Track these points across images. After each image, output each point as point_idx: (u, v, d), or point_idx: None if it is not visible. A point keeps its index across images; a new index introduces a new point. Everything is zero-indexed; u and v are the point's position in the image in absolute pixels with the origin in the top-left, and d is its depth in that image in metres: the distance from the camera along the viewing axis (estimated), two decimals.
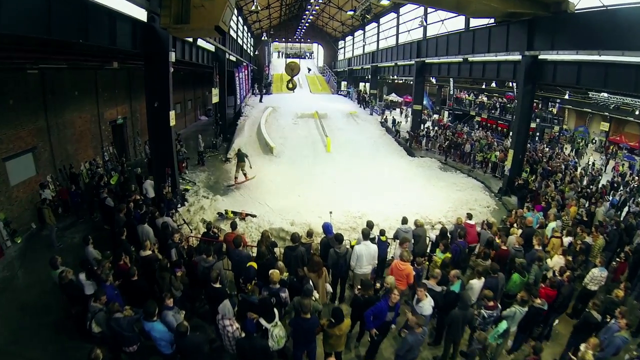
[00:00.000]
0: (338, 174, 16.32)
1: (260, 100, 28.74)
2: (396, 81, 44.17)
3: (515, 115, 17.04)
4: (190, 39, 14.56)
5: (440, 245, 6.91)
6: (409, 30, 26.36)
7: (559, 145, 26.55)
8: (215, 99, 20.37)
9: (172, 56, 10.50)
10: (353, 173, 16.52)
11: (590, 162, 22.53)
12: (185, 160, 16.08)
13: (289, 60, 31.32)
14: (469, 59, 18.12)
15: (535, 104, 27.83)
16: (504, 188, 15.00)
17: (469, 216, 8.56)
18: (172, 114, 11.05)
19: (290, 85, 22.27)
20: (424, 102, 35.56)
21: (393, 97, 43.30)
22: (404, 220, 7.53)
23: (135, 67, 14.37)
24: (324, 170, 16.69)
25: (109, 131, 15.05)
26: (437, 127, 26.65)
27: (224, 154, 18.65)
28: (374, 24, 33.09)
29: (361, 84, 42.46)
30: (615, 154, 26.42)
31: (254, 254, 6.75)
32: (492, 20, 15.82)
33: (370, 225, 6.83)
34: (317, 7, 36.27)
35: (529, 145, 22.22)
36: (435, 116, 34.23)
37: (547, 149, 23.55)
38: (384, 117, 27.68)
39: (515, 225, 9.46)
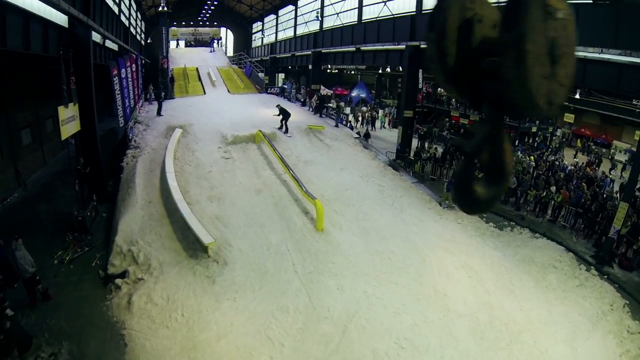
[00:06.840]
0: (383, 300, 8.01)
1: (159, 113, 18.42)
2: (328, 70, 35.68)
3: None
4: None
5: None
6: (306, 22, 29.08)
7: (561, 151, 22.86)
8: (69, 129, 9.68)
9: None
10: (416, 288, 8.54)
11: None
12: None
13: None
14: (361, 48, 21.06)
15: None
16: (606, 257, 10.21)
17: None
18: None
19: None
20: (363, 94, 33.30)
21: (321, 89, 35.37)
22: None
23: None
24: (345, 295, 8.03)
25: None
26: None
27: (103, 259, 8.62)
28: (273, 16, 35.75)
29: (281, 75, 38.83)
30: (588, 148, 23.78)
31: None
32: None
33: None
34: None
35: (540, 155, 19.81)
36: (381, 112, 28.88)
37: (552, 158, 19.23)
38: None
39: None
